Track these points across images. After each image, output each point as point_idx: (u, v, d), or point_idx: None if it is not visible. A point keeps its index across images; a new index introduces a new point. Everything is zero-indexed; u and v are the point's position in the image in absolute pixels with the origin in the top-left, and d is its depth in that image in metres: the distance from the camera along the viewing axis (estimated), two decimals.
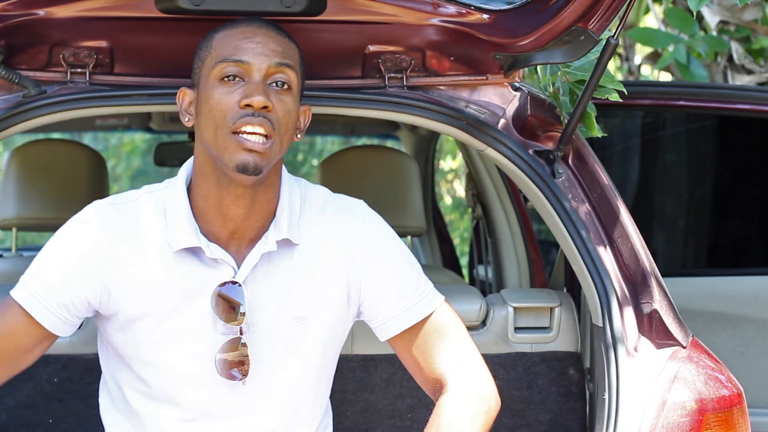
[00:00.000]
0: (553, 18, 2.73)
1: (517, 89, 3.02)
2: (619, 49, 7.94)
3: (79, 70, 2.87)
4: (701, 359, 2.74)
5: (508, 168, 2.95)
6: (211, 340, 2.48)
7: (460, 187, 12.12)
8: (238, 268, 2.50)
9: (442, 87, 2.99)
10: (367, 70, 2.96)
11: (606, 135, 3.07)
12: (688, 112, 4.74)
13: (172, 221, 2.49)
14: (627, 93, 3.05)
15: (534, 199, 2.94)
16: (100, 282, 2.48)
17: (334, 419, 2.72)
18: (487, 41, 2.90)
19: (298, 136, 2.54)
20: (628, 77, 7.89)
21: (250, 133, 2.40)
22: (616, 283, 2.82)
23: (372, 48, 2.94)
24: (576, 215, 2.88)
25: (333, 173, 4.02)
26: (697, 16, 6.33)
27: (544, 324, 3.22)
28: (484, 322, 3.21)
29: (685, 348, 2.76)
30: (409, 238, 4.37)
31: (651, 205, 4.99)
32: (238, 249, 2.51)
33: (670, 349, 2.75)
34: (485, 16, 2.86)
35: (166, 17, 2.78)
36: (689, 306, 4.04)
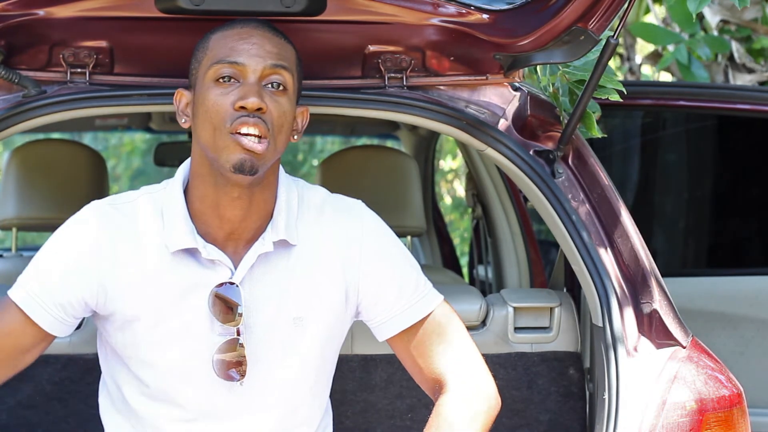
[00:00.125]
0: (553, 18, 2.73)
1: (517, 89, 3.02)
2: (620, 49, 7.94)
3: (79, 70, 2.87)
4: (701, 359, 2.74)
5: (508, 168, 2.95)
6: (209, 341, 2.48)
7: (460, 187, 12.11)
8: (235, 268, 2.50)
9: (442, 87, 2.98)
10: (367, 70, 2.96)
11: (606, 136, 3.07)
12: (688, 112, 4.74)
13: (169, 222, 2.49)
14: (627, 93, 3.05)
15: (534, 199, 2.94)
16: (97, 282, 2.48)
17: (334, 419, 2.72)
18: (487, 41, 2.90)
19: (295, 137, 2.53)
20: (629, 77, 7.88)
21: (245, 134, 2.40)
22: (616, 283, 2.82)
23: (372, 48, 2.94)
24: (576, 215, 2.87)
25: (333, 173, 4.02)
26: (698, 15, 6.32)
27: (544, 324, 3.22)
28: (484, 322, 3.21)
29: (685, 348, 2.76)
30: (409, 238, 4.37)
31: (651, 205, 4.99)
32: (235, 250, 2.51)
33: (670, 349, 2.75)
34: (485, 16, 2.86)
35: (166, 17, 2.78)
36: (689, 306, 4.03)
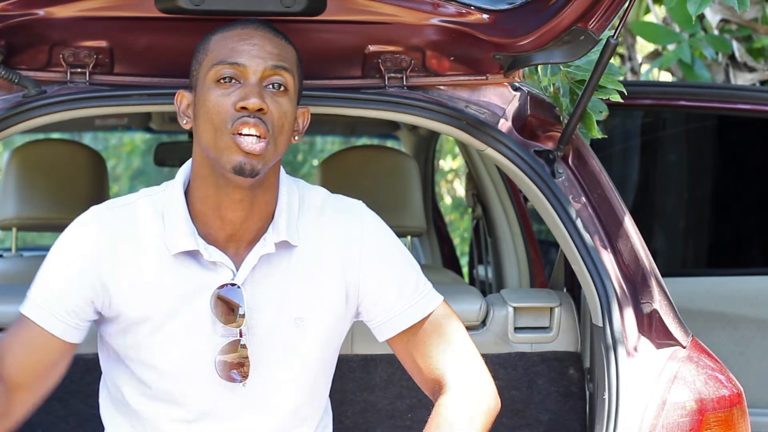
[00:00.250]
0: (553, 18, 2.73)
1: (517, 89, 3.02)
2: (621, 48, 7.94)
3: (79, 70, 2.87)
4: (701, 359, 2.74)
5: (508, 168, 2.95)
6: (211, 342, 2.48)
7: (460, 187, 12.11)
8: (237, 270, 2.50)
9: (442, 87, 2.98)
10: (367, 70, 2.96)
11: (606, 136, 3.07)
12: (688, 112, 4.74)
13: (170, 224, 2.49)
14: (627, 93, 3.04)
15: (534, 199, 2.94)
16: (100, 284, 2.48)
17: (334, 419, 2.72)
18: (487, 41, 2.89)
19: (296, 138, 2.53)
20: (630, 77, 7.88)
21: (246, 135, 2.40)
22: (616, 283, 2.82)
23: (372, 48, 2.94)
24: (576, 215, 2.87)
25: (333, 173, 4.02)
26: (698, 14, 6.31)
27: (544, 324, 3.22)
28: (484, 322, 3.21)
29: (685, 348, 2.76)
30: (409, 238, 4.37)
31: (651, 205, 4.99)
32: (236, 251, 2.51)
33: (670, 349, 2.75)
34: (485, 16, 2.86)
35: (166, 17, 2.78)
36: (689, 306, 4.03)
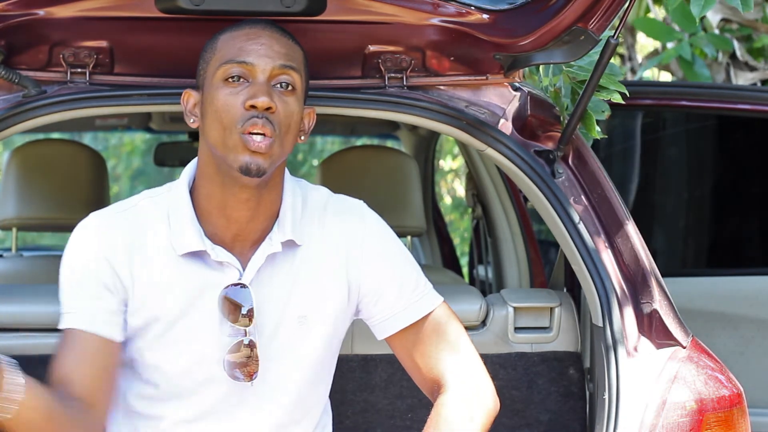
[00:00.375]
0: (553, 18, 2.73)
1: (517, 89, 3.02)
2: (621, 49, 7.93)
3: (79, 70, 2.87)
4: (701, 359, 2.74)
5: (508, 168, 2.95)
6: (218, 342, 2.49)
7: (460, 187, 12.11)
8: (243, 270, 2.50)
9: (442, 87, 2.98)
10: (367, 70, 2.96)
11: (606, 137, 3.07)
12: (688, 112, 4.74)
13: (175, 225, 2.49)
14: (628, 93, 3.04)
15: (534, 199, 2.94)
16: (120, 283, 2.48)
17: (334, 419, 2.72)
18: (487, 41, 2.89)
19: (302, 138, 2.54)
20: (630, 77, 7.88)
21: (254, 134, 2.41)
22: (616, 283, 2.82)
23: (372, 48, 2.94)
24: (576, 215, 2.87)
25: (333, 173, 4.02)
26: None
27: (544, 324, 3.21)
28: (484, 322, 3.21)
29: (685, 348, 2.76)
30: (409, 238, 4.37)
31: (651, 205, 4.99)
32: (241, 251, 2.51)
33: (670, 349, 2.75)
34: (485, 16, 2.86)
35: (166, 17, 2.78)
36: (689, 306, 4.03)
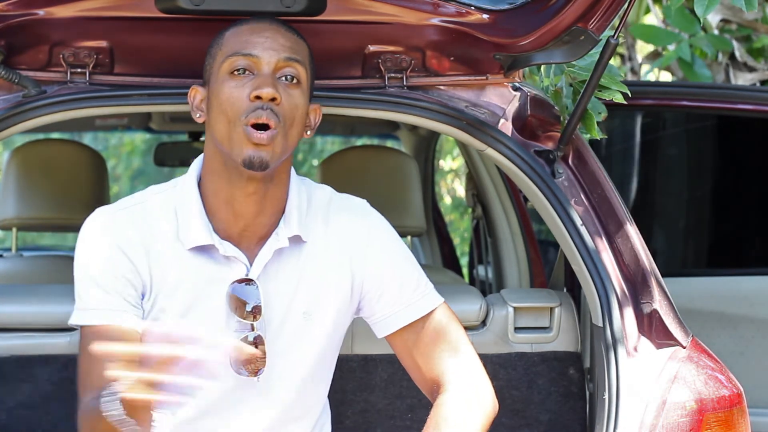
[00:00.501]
0: (553, 18, 2.73)
1: (517, 89, 3.02)
2: (621, 48, 7.93)
3: (79, 70, 2.87)
4: (701, 359, 2.74)
5: (508, 168, 2.95)
6: (225, 337, 2.49)
7: (460, 187, 12.11)
8: (250, 265, 2.51)
9: (442, 87, 2.98)
10: (367, 70, 2.96)
11: (606, 137, 3.06)
12: (688, 112, 4.74)
13: (183, 219, 2.51)
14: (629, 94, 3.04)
15: (534, 199, 2.94)
16: (138, 275, 2.48)
17: (334, 419, 2.73)
18: (487, 41, 2.90)
19: (308, 133, 2.56)
20: (630, 77, 7.87)
21: (259, 126, 2.42)
22: (616, 283, 2.82)
23: (372, 48, 2.94)
24: (576, 215, 2.88)
25: (333, 173, 4.02)
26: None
27: (544, 324, 3.21)
28: (484, 322, 3.21)
29: (685, 348, 2.76)
30: (409, 238, 4.37)
31: (651, 205, 4.99)
32: (248, 246, 2.53)
33: (670, 349, 2.75)
34: (485, 16, 2.86)
35: (166, 17, 2.78)
36: (689, 306, 4.03)
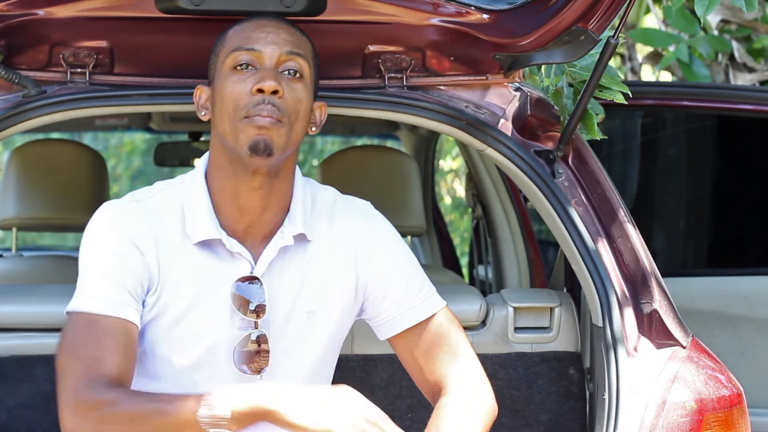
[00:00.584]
0: (553, 18, 2.73)
1: (517, 89, 3.02)
2: (621, 48, 7.92)
3: (79, 70, 2.87)
4: (701, 359, 2.74)
5: (508, 168, 2.95)
6: (228, 334, 2.50)
7: (460, 187, 12.11)
8: (254, 263, 2.51)
9: (442, 87, 2.99)
10: (367, 70, 2.96)
11: (606, 137, 3.06)
12: (688, 112, 4.73)
13: (190, 214, 2.51)
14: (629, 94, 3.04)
15: (534, 199, 2.94)
16: (147, 269, 2.47)
17: None
18: (487, 41, 2.90)
19: (313, 130, 2.57)
20: (630, 77, 7.87)
21: (261, 116, 2.43)
22: (616, 283, 2.82)
23: (372, 48, 2.94)
24: (576, 215, 2.87)
25: (333, 173, 4.02)
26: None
27: (544, 324, 3.21)
28: (484, 322, 3.21)
29: (685, 348, 2.76)
30: (409, 238, 4.37)
31: (651, 205, 4.99)
32: (252, 244, 2.54)
33: (670, 349, 2.75)
34: (485, 16, 2.86)
35: (166, 17, 2.78)
36: (689, 306, 4.03)
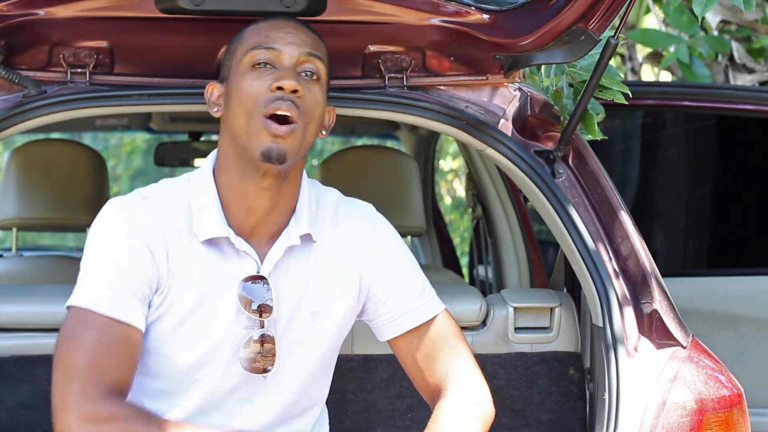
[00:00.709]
0: (553, 18, 2.73)
1: (517, 89, 3.02)
2: (621, 48, 7.93)
3: (79, 70, 2.87)
4: (701, 359, 2.74)
5: (508, 168, 2.95)
6: (233, 334, 2.50)
7: (460, 187, 12.11)
8: (260, 263, 2.52)
9: (442, 87, 2.99)
10: (367, 70, 2.96)
11: (606, 138, 3.06)
12: (688, 112, 4.73)
13: (197, 212, 2.51)
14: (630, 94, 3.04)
15: (534, 199, 2.94)
16: (156, 268, 2.47)
17: (334, 419, 2.73)
18: (487, 41, 2.90)
19: (323, 133, 2.58)
20: (630, 77, 7.87)
21: (278, 116, 2.42)
22: (616, 283, 2.82)
23: (372, 48, 2.94)
24: (576, 215, 2.88)
25: (333, 173, 4.02)
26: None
27: (544, 324, 3.21)
28: (484, 322, 3.21)
29: (685, 348, 2.76)
30: (409, 238, 4.37)
31: (651, 205, 4.99)
32: (258, 244, 2.54)
33: (670, 350, 2.75)
34: (485, 16, 2.86)
35: (166, 17, 2.78)
36: (689, 306, 4.03)
